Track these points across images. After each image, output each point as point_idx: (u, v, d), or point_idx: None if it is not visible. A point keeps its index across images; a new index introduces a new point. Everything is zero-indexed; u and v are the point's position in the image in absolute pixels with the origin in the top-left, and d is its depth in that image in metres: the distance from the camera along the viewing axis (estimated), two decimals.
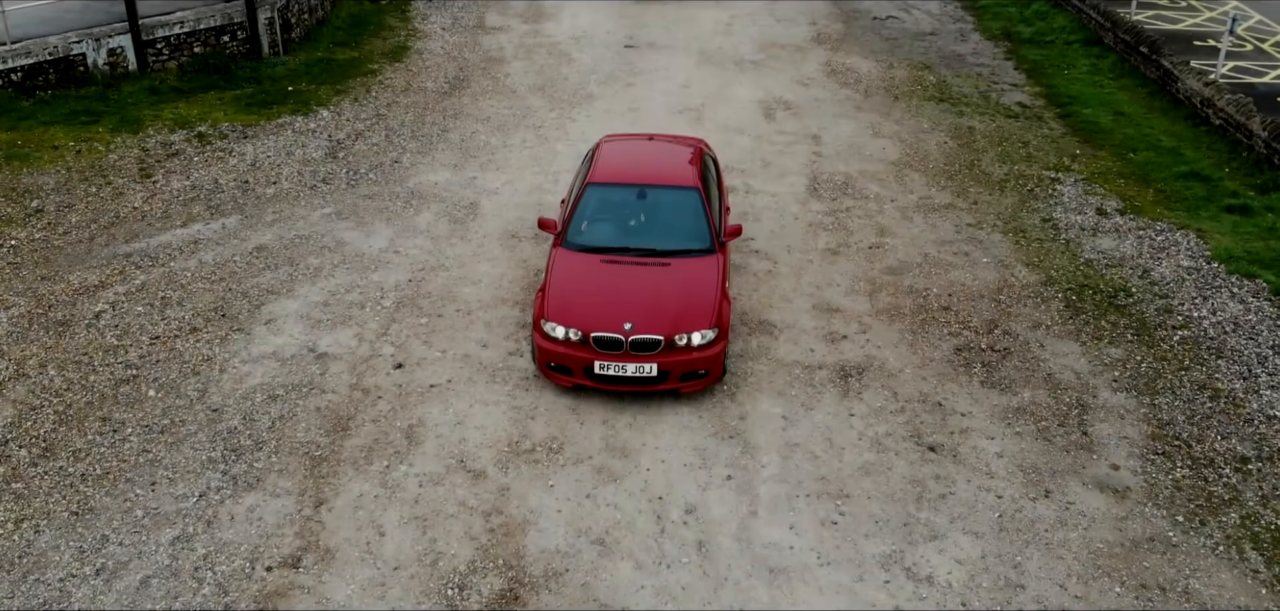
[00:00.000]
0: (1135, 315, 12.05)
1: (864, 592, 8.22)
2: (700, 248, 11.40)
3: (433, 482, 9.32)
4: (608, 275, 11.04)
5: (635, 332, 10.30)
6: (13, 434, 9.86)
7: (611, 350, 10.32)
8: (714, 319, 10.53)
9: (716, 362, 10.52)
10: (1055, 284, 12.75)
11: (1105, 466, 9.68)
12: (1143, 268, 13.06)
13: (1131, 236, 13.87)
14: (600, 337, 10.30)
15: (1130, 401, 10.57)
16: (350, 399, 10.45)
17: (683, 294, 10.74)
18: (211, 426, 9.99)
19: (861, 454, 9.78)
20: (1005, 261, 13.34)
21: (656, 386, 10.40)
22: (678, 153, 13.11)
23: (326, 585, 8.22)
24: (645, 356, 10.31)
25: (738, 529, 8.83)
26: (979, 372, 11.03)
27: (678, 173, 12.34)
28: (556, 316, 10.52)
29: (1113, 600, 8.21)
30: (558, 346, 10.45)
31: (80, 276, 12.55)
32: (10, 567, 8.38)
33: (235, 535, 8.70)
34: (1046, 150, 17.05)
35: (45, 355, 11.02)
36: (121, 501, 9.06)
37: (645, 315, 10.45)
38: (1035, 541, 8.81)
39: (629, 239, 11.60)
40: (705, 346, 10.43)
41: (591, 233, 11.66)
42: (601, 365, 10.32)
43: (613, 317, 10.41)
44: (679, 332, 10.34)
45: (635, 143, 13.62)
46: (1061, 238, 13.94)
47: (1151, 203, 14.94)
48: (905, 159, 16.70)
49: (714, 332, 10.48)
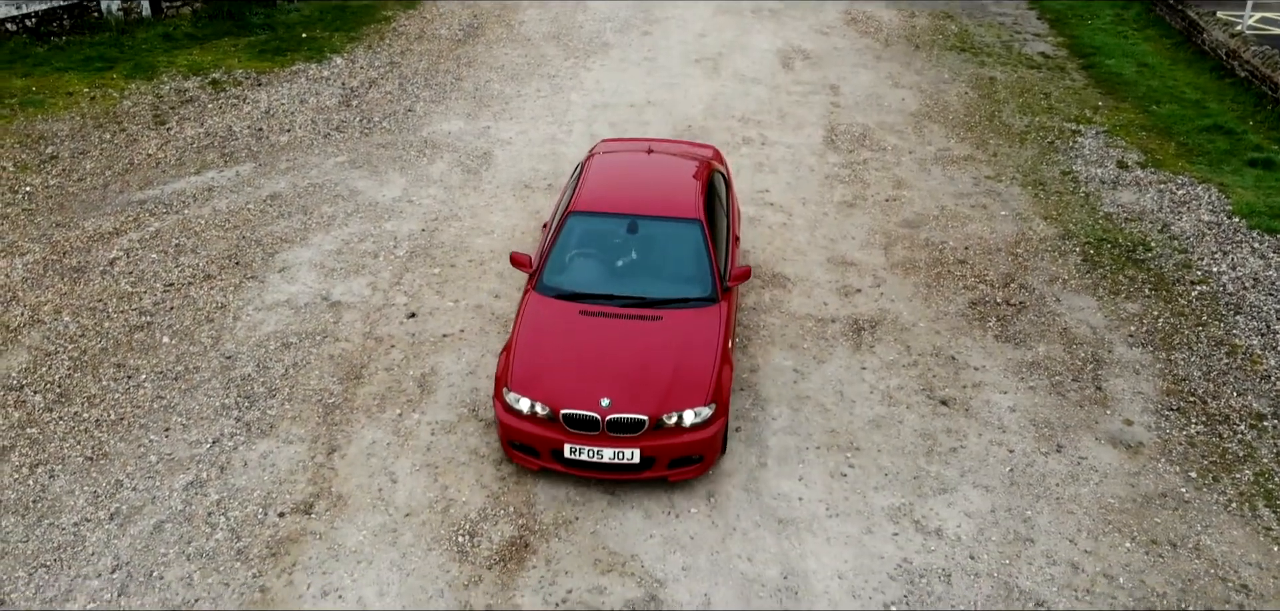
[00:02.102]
0: (1154, 269, 12.02)
1: (872, 544, 8.31)
2: (700, 296, 9.56)
3: (444, 431, 9.42)
4: (586, 332, 9.22)
5: (614, 410, 8.55)
6: (28, 379, 10.01)
7: (585, 430, 8.61)
8: (710, 393, 8.71)
9: (713, 444, 8.74)
10: (1073, 237, 12.72)
11: (1119, 422, 9.70)
12: (1162, 222, 13.00)
13: (1152, 190, 13.80)
14: (572, 416, 8.58)
15: (1146, 357, 10.57)
16: (363, 347, 10.55)
17: (675, 358, 8.94)
18: (225, 373, 10.11)
19: (872, 407, 9.83)
20: (1023, 214, 13.30)
21: (639, 474, 8.67)
22: (680, 171, 11.08)
23: (339, 531, 8.35)
24: (626, 439, 8.57)
25: (746, 479, 8.91)
26: (993, 327, 11.04)
27: (677, 199, 10.38)
28: (522, 385, 8.77)
29: (1122, 555, 8.27)
30: (522, 423, 8.70)
31: (94, 223, 12.67)
32: (25, 511, 8.54)
33: (248, 481, 8.84)
34: (1068, 101, 16.93)
35: (60, 301, 11.16)
36: (135, 447, 9.21)
37: (628, 387, 8.71)
38: (1046, 496, 8.86)
39: (615, 283, 9.76)
40: (699, 427, 8.65)
41: (571, 274, 9.85)
42: (573, 448, 8.59)
43: (588, 390, 8.67)
44: (667, 410, 8.59)
45: (631, 157, 11.47)
46: (1081, 191, 13.88)
47: (1173, 156, 14.85)
48: (925, 110, 16.62)
49: (711, 409, 8.67)
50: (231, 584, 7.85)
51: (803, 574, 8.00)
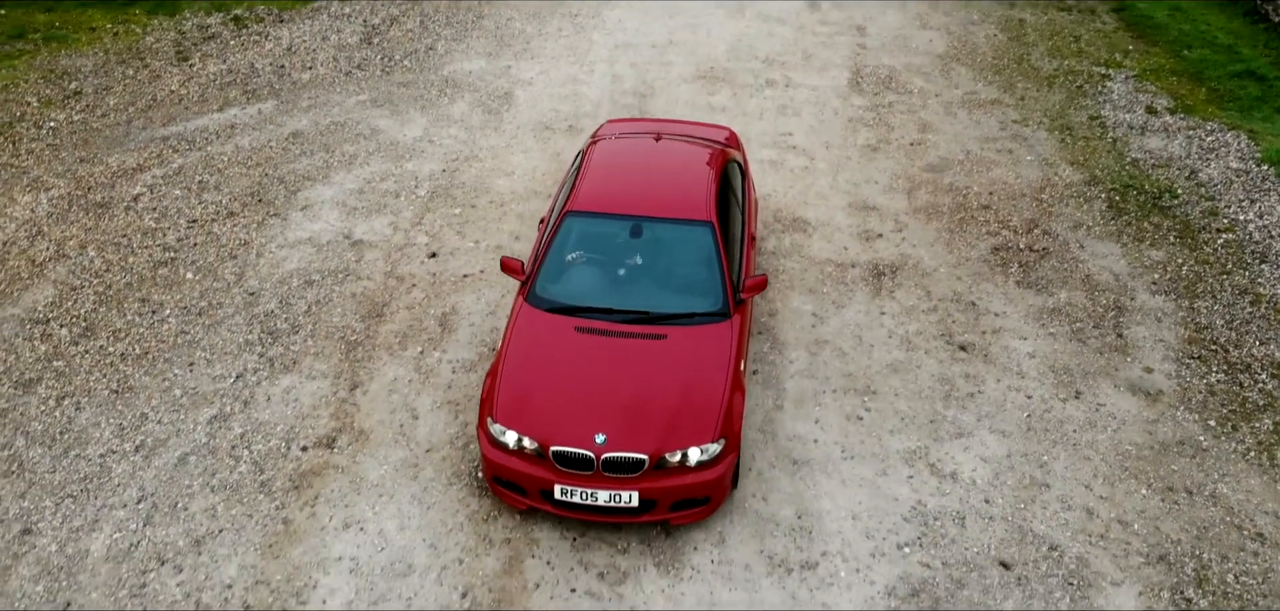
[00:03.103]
0: (1179, 217, 12.01)
1: (887, 486, 8.45)
2: (710, 310, 8.63)
3: (465, 369, 9.59)
4: (581, 352, 8.30)
5: (611, 447, 7.69)
6: (54, 313, 10.24)
7: (578, 470, 7.75)
8: (719, 427, 7.82)
9: (721, 484, 7.87)
10: (1099, 183, 12.71)
11: (1139, 369, 9.77)
12: (1190, 168, 12.96)
13: (1181, 136, 13.74)
14: (563, 453, 7.73)
15: (1168, 304, 10.61)
16: (385, 286, 10.71)
17: (680, 386, 8.03)
18: (248, 309, 10.31)
19: (891, 352, 9.93)
20: (1049, 159, 13.29)
21: (638, 517, 7.84)
22: (690, 163, 10.04)
23: (361, 465, 8.57)
24: (623, 481, 7.71)
25: (762, 421, 9.04)
26: (1015, 273, 11.09)
27: (686, 197, 9.39)
28: (507, 416, 7.90)
29: (1138, 502, 8.38)
30: (508, 459, 7.86)
31: (118, 159, 12.86)
32: (52, 442, 8.79)
33: (272, 415, 9.05)
34: (1098, 45, 16.82)
35: (85, 236, 11.37)
36: (160, 381, 9.43)
37: (626, 420, 7.82)
38: (1063, 442, 8.96)
39: (615, 294, 8.82)
40: (706, 466, 7.79)
41: (566, 283, 8.92)
42: (564, 490, 7.76)
43: (582, 423, 7.80)
44: (670, 448, 7.71)
45: (637, 145, 10.47)
46: (1108, 136, 13.84)
47: (1203, 101, 14.75)
48: (952, 52, 16.55)
49: (720, 446, 7.80)
50: (255, 515, 8.09)
51: (816, 514, 8.16)
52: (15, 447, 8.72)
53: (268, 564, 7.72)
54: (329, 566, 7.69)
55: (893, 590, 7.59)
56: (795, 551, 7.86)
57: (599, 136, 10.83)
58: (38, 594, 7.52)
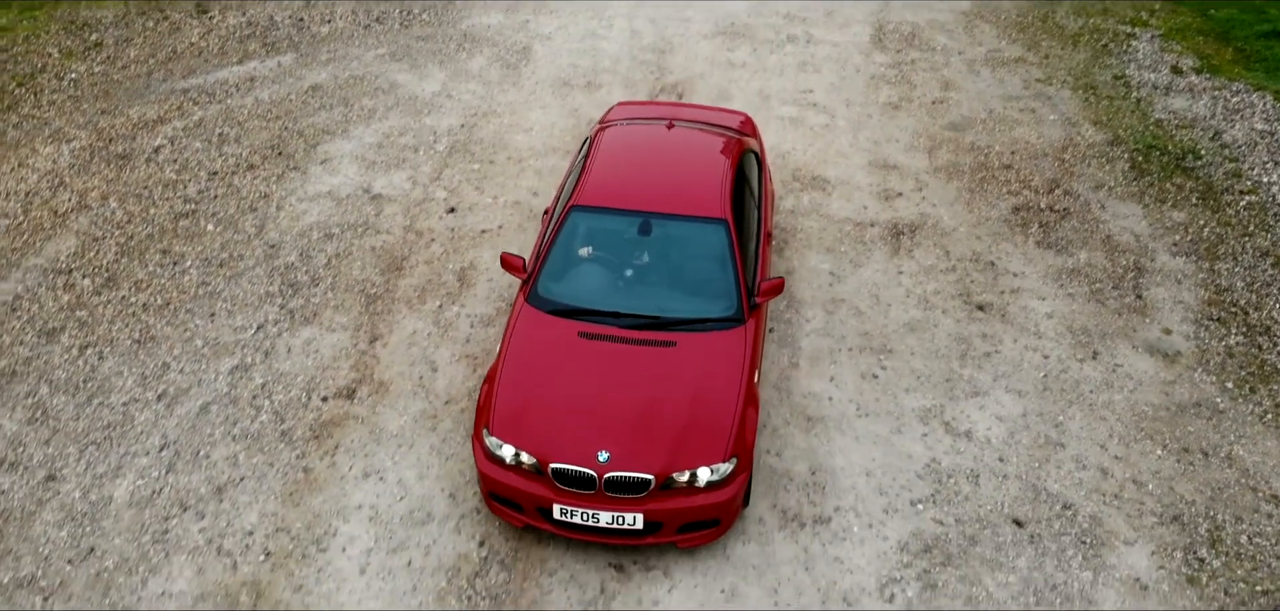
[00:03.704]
0: (1202, 178, 12.01)
1: (901, 444, 8.56)
2: (723, 316, 8.19)
3: (483, 324, 9.74)
4: (584, 361, 7.88)
5: (614, 466, 7.29)
6: (77, 263, 10.42)
7: (579, 489, 7.36)
8: (731, 445, 7.43)
9: (732, 505, 7.48)
10: (1122, 144, 12.71)
11: (1157, 330, 9.83)
12: (1214, 129, 12.94)
13: (1206, 97, 13.70)
14: (563, 471, 7.33)
15: (1189, 266, 10.64)
16: (404, 240, 10.85)
17: (690, 398, 7.61)
18: (269, 261, 10.47)
19: (908, 311, 10.01)
20: (1072, 119, 13.29)
21: (642, 540, 7.47)
22: (704, 154, 9.57)
23: (380, 416, 8.74)
24: (627, 502, 7.33)
25: (778, 379, 9.16)
26: (1035, 233, 11.13)
27: (700, 192, 8.92)
28: (504, 429, 7.51)
29: (1153, 462, 8.47)
30: (505, 474, 7.49)
31: (139, 111, 13.01)
32: (75, 391, 8.99)
33: (292, 366, 9.23)
34: (1124, 3, 16.73)
35: (106, 187, 11.54)
36: (181, 331, 9.61)
37: (631, 436, 7.41)
38: (1079, 402, 9.04)
39: (621, 297, 8.39)
40: (716, 486, 7.41)
41: (570, 283, 8.49)
42: (564, 510, 7.39)
43: (583, 438, 7.40)
44: (678, 467, 7.32)
45: (648, 134, 9.88)
46: (1132, 96, 13.81)
47: (1230, 62, 14.68)
48: (977, 9, 16.51)
49: (731, 465, 7.42)
50: (276, 464, 8.28)
51: (830, 470, 8.29)
52: (40, 395, 8.93)
53: (288, 511, 7.92)
54: (349, 514, 7.89)
55: (905, 545, 7.73)
56: (809, 506, 8.00)
57: (607, 122, 10.30)
58: (62, 539, 7.74)
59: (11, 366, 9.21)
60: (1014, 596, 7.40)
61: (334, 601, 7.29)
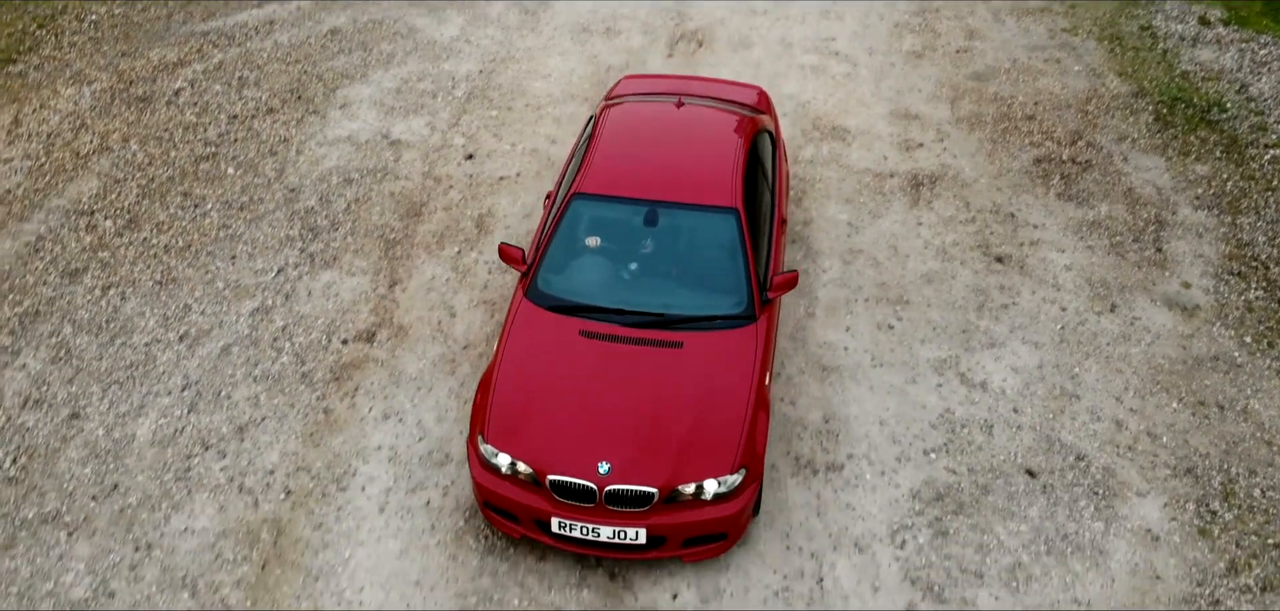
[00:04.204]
0: (1227, 131, 12.01)
1: (915, 393, 8.70)
2: (732, 313, 7.86)
3: (501, 270, 9.89)
4: (585, 362, 7.57)
5: (615, 478, 6.98)
6: (99, 205, 10.62)
7: (578, 501, 7.07)
8: (740, 455, 7.13)
9: (740, 519, 7.21)
10: (1147, 95, 12.70)
11: (1176, 284, 9.90)
12: (1241, 82, 12.91)
13: (1233, 49, 13.65)
14: (561, 483, 7.03)
15: (1211, 220, 10.69)
16: (423, 186, 11.00)
17: (697, 403, 7.32)
18: (289, 205, 10.64)
19: (926, 262, 10.11)
20: (1097, 70, 13.28)
21: (645, 554, 7.20)
22: (716, 134, 9.13)
23: (399, 359, 8.93)
24: (629, 516, 7.04)
25: (794, 329, 9.29)
26: (1057, 185, 11.18)
27: (709, 178, 8.50)
28: (500, 438, 7.21)
29: (1168, 415, 8.58)
30: (500, 484, 7.20)
31: (159, 53, 13.16)
32: (98, 330, 9.21)
33: (312, 309, 9.42)
34: None
35: (127, 130, 11.72)
36: (203, 273, 9.81)
37: (634, 445, 7.11)
38: (1095, 354, 9.15)
39: (625, 293, 8.06)
40: (724, 499, 7.12)
41: (571, 277, 8.14)
42: (562, 523, 7.09)
43: (583, 448, 7.10)
44: (684, 479, 7.02)
45: (656, 113, 9.42)
46: (1159, 47, 13.78)
47: (1258, 14, 14.59)
48: None
49: (740, 476, 7.12)
50: (296, 405, 8.49)
51: (844, 418, 8.44)
52: (63, 335, 9.15)
53: (309, 451, 8.13)
54: (368, 455, 8.10)
55: (917, 493, 7.88)
56: (821, 453, 8.16)
57: (613, 96, 9.97)
58: (86, 476, 7.97)
59: (35, 306, 9.43)
60: (1025, 545, 7.55)
61: (354, 539, 7.52)
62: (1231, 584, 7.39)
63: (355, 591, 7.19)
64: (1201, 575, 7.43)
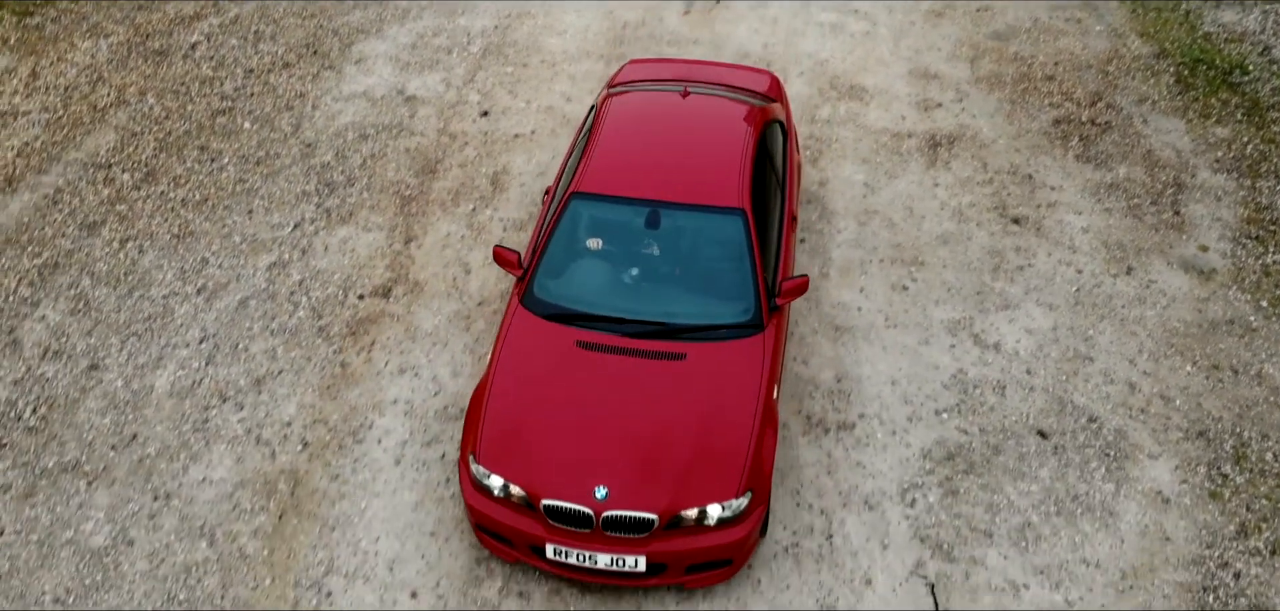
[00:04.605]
0: (1249, 94, 12.02)
1: (928, 354, 8.81)
2: (739, 322, 7.53)
3: (516, 228, 10.02)
4: (583, 376, 7.28)
5: (613, 504, 6.70)
6: (116, 158, 10.78)
7: (574, 527, 6.78)
8: (745, 478, 6.83)
9: (746, 544, 6.92)
10: (1169, 57, 12.71)
11: (1193, 247, 9.96)
12: (1264, 44, 12.89)
13: (1256, 10, 13.61)
14: (556, 508, 6.75)
15: (1230, 183, 10.73)
16: (438, 143, 11.12)
17: (700, 420, 7.03)
18: (305, 160, 10.79)
19: (942, 223, 10.19)
20: (1119, 30, 13.27)
21: (645, 581, 6.90)
22: (723, 127, 8.75)
23: (415, 314, 9.09)
24: (629, 542, 6.76)
25: (808, 289, 9.39)
26: (1075, 146, 11.23)
27: (716, 176, 8.15)
28: (492, 457, 6.94)
29: (1182, 378, 8.67)
30: (493, 507, 6.94)
31: (175, 7, 13.28)
32: (117, 283, 9.39)
33: (329, 264, 9.58)
34: None
35: (144, 83, 11.86)
36: (220, 227, 9.97)
37: (634, 467, 6.84)
38: (1110, 316, 9.23)
39: (626, 300, 7.74)
40: (728, 524, 6.82)
41: (569, 283, 7.83)
42: (557, 549, 6.82)
43: (579, 470, 6.82)
44: (686, 504, 6.74)
45: (660, 101, 9.07)
46: (1181, 7, 13.75)
47: None
48: None
49: (746, 500, 6.82)
50: (313, 358, 8.66)
51: (856, 378, 8.56)
52: (82, 287, 9.34)
53: (325, 404, 8.31)
54: (384, 408, 8.28)
55: (928, 453, 8.01)
56: (833, 412, 8.29)
57: (617, 82, 9.63)
58: (105, 426, 8.17)
59: (54, 258, 9.61)
60: (1035, 505, 7.68)
61: (370, 490, 7.71)
62: (1241, 546, 7.51)
63: (371, 541, 7.38)
64: (1211, 537, 7.55)
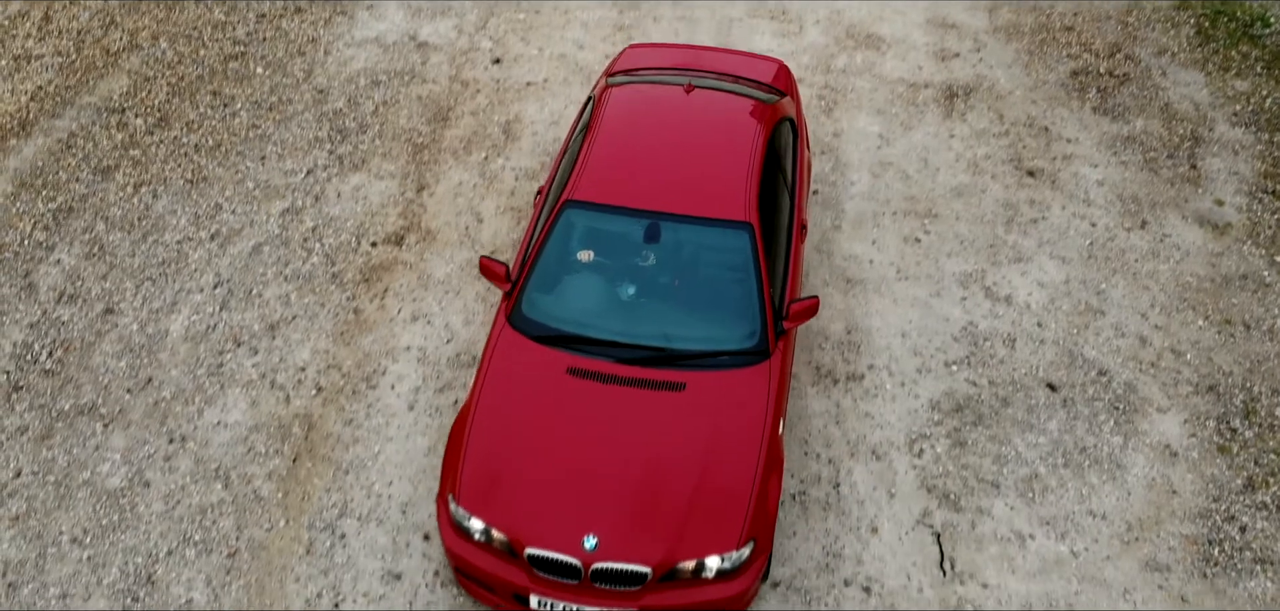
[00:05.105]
0: (1270, 46, 12.04)
1: (939, 306, 8.96)
2: (743, 348, 7.07)
3: (527, 177, 10.16)
4: (573, 408, 6.79)
5: (603, 554, 6.27)
6: (129, 102, 10.95)
7: (561, 578, 6.37)
8: (747, 527, 6.39)
9: (746, 598, 6.52)
10: (1189, 8, 12.72)
11: (1209, 201, 10.06)
12: None
13: None
14: (541, 558, 6.33)
15: (1248, 137, 10.80)
16: (450, 90, 11.25)
17: (700, 460, 6.56)
18: (317, 107, 10.93)
19: (956, 175, 10.30)
20: None
21: None
22: (730, 128, 8.15)
23: (428, 262, 9.27)
24: (619, 596, 6.34)
25: (819, 240, 9.53)
26: (1093, 98, 11.30)
27: (721, 184, 7.63)
28: (473, 498, 6.51)
29: (1193, 333, 8.81)
30: (474, 553, 6.51)
31: None
32: (130, 228, 9.59)
33: (342, 211, 9.76)
34: None
35: (156, 27, 12.00)
36: (233, 173, 10.14)
37: (625, 515, 6.38)
38: (1123, 270, 9.36)
39: (621, 320, 7.23)
40: (729, 576, 6.40)
41: (561, 300, 7.34)
42: (542, 601, 6.39)
43: (567, 517, 6.37)
44: (682, 556, 6.30)
45: (662, 98, 8.44)
46: None
47: None
48: None
49: (747, 550, 6.40)
50: (327, 304, 8.86)
51: (866, 330, 8.72)
52: (96, 231, 9.53)
53: (339, 350, 8.51)
54: (398, 354, 8.48)
55: (937, 404, 8.18)
56: (842, 364, 8.46)
57: (615, 70, 9.18)
58: (121, 369, 8.39)
59: (68, 202, 9.80)
60: (1042, 457, 7.85)
61: (383, 435, 7.92)
62: (1248, 500, 7.67)
63: (384, 485, 7.60)
64: (1218, 491, 7.72)
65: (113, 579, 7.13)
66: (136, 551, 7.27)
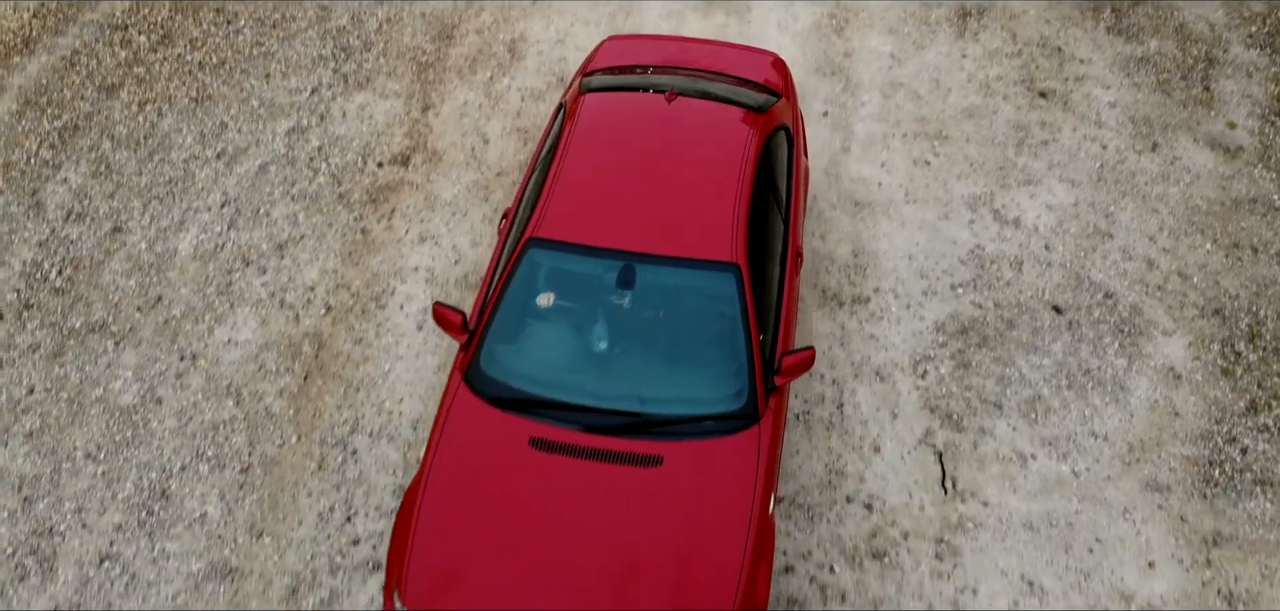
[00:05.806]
0: None
1: (947, 229, 9.17)
2: (728, 411, 6.39)
3: (533, 98, 10.34)
4: (535, 488, 6.11)
5: None
6: (132, 19, 11.11)
7: None
8: None
9: None
10: None
11: (1221, 124, 10.22)
12: None
13: None
14: None
15: (1262, 59, 10.93)
16: (454, 8, 11.38)
17: (680, 549, 5.93)
18: (321, 24, 11.09)
19: (967, 96, 10.46)
20: None
21: None
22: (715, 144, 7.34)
23: (434, 184, 9.49)
24: None
25: (828, 163, 9.73)
26: (1107, 18, 11.41)
27: (704, 217, 6.85)
28: (421, 596, 5.85)
29: (1201, 256, 9.02)
30: None
31: None
32: (137, 146, 9.81)
33: (347, 130, 9.96)
34: None
35: None
36: (238, 91, 10.34)
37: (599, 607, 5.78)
38: (1133, 193, 9.55)
39: (591, 382, 6.52)
40: None
41: (522, 354, 6.65)
42: None
43: None
44: None
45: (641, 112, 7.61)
46: None
47: None
48: None
49: None
50: (334, 224, 9.10)
51: (873, 253, 8.95)
52: (102, 150, 9.75)
53: (348, 270, 8.77)
54: (406, 275, 8.73)
55: (942, 326, 8.43)
56: (848, 286, 8.70)
57: (591, 69, 8.36)
58: (130, 287, 8.66)
59: (74, 121, 10.02)
60: (1046, 378, 8.11)
61: (393, 354, 8.19)
62: (1250, 423, 7.93)
63: (395, 402, 7.89)
64: (1220, 413, 7.98)
65: (127, 493, 7.45)
66: (150, 466, 7.58)
